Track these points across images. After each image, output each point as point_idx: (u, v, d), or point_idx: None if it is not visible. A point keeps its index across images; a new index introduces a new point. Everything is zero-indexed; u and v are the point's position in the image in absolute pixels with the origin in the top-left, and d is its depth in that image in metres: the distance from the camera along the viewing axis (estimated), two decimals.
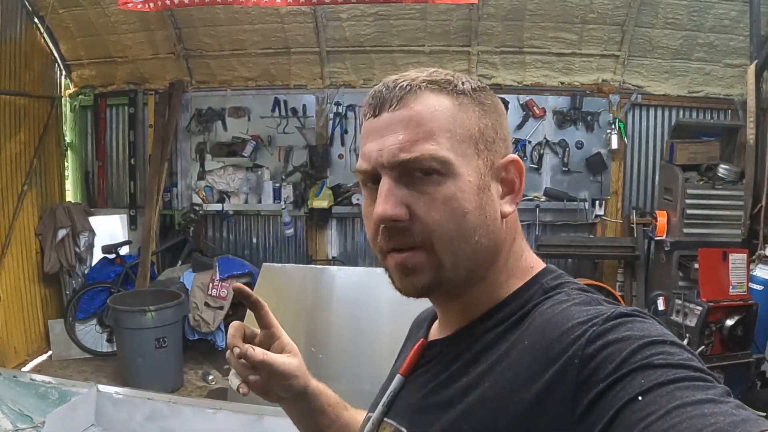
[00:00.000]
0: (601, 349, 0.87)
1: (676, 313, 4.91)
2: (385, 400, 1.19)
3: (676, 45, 7.17)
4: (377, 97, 1.09)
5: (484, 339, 1.07)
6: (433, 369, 1.14)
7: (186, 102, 8.33)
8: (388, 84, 1.10)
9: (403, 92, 1.06)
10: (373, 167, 1.06)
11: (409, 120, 1.04)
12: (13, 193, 7.27)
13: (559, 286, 1.08)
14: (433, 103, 1.06)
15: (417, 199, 1.04)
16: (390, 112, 1.06)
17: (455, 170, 1.04)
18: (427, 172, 1.03)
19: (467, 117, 1.08)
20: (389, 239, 1.06)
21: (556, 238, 7.70)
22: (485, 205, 1.07)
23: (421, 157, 1.02)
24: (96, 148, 8.67)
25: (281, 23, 7.50)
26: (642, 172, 7.82)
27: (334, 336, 4.86)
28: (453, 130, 1.05)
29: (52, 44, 8.04)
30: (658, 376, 0.81)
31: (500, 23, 7.28)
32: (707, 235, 6.64)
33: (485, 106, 1.11)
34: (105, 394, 3.69)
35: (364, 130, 1.11)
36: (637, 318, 0.93)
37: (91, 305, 7.63)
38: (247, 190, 8.26)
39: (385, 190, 1.04)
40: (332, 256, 8.31)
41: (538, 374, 0.92)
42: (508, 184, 1.13)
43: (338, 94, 8.00)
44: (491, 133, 1.11)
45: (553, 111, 7.69)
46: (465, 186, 1.04)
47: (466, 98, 1.09)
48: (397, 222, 1.03)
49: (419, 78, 1.08)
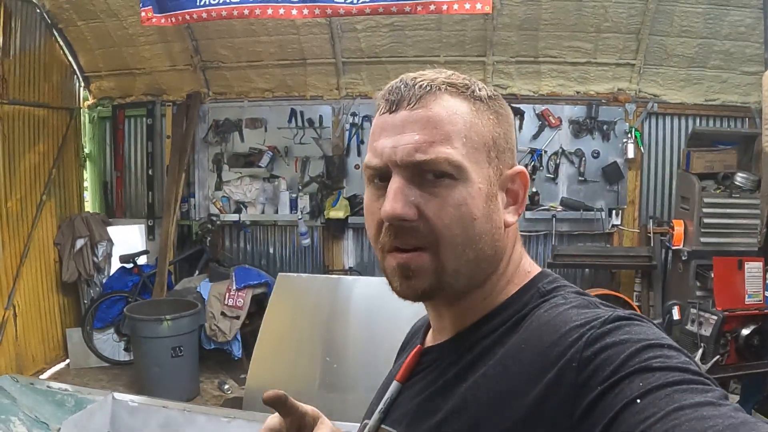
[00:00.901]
0: (600, 352, 0.88)
1: (691, 323, 4.86)
2: (381, 406, 1.19)
3: (691, 53, 7.13)
4: (395, 93, 1.08)
5: (481, 344, 1.07)
6: (430, 375, 1.14)
7: (203, 113, 8.38)
8: (406, 81, 1.09)
9: (423, 91, 1.06)
10: (385, 164, 1.06)
11: (427, 120, 1.04)
12: (32, 203, 7.35)
13: (556, 290, 1.08)
14: (451, 106, 1.06)
15: (427, 200, 1.03)
16: (408, 110, 1.06)
17: (468, 176, 1.04)
18: (439, 175, 1.03)
19: (482, 124, 1.08)
20: (394, 238, 1.05)
21: (573, 248, 7.66)
22: (492, 213, 1.07)
23: (436, 160, 1.02)
24: (114, 159, 8.75)
25: (297, 35, 7.54)
26: (659, 181, 7.77)
27: (350, 346, 4.86)
28: (469, 136, 1.05)
29: (71, 56, 8.13)
30: (656, 378, 0.81)
31: (515, 33, 7.27)
32: (725, 244, 6.59)
33: (499, 115, 1.12)
34: (120, 401, 3.73)
35: (377, 125, 1.11)
36: (634, 321, 0.93)
37: (108, 314, 7.67)
38: (263, 200, 8.28)
39: (396, 188, 1.03)
40: (349, 266, 8.31)
41: (536, 377, 0.92)
42: (513, 194, 1.13)
43: (354, 104, 8.01)
44: (503, 142, 1.11)
45: (569, 120, 7.66)
46: (475, 193, 1.04)
47: (483, 105, 1.09)
48: (405, 222, 1.02)
49: (439, 79, 1.08)
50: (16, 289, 7.00)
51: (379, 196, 1.07)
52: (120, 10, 7.35)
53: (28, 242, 7.22)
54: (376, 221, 1.08)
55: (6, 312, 6.83)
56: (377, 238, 1.08)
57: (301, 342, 4.90)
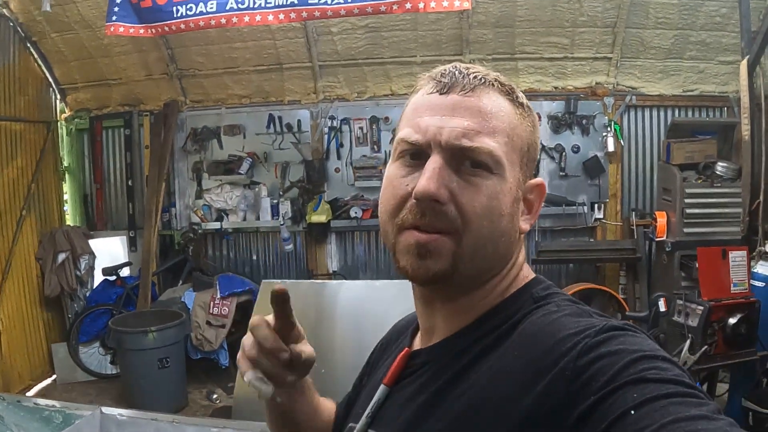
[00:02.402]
0: (593, 362, 0.87)
1: (677, 314, 4.87)
2: (369, 411, 1.17)
3: (668, 44, 7.17)
4: (449, 77, 1.08)
5: (473, 349, 1.06)
6: (419, 379, 1.12)
7: (181, 122, 8.34)
8: (460, 69, 1.10)
9: (477, 82, 1.07)
10: (428, 142, 1.05)
11: (478, 110, 1.05)
12: (12, 219, 7.28)
13: (549, 297, 1.08)
14: (500, 104, 1.08)
15: (462, 186, 1.03)
16: (460, 95, 1.06)
17: (503, 173, 1.05)
18: (477, 165, 1.04)
19: (523, 129, 1.10)
20: (420, 217, 1.03)
21: (556, 244, 7.68)
22: (514, 215, 1.09)
23: (480, 149, 1.03)
24: (93, 171, 8.69)
25: (273, 39, 7.52)
26: (640, 173, 7.81)
27: (337, 351, 4.84)
28: (511, 137, 1.07)
29: (46, 69, 8.07)
30: (651, 390, 0.81)
31: (491, 30, 7.28)
32: (708, 233, 6.61)
33: (534, 126, 1.14)
34: (109, 416, 3.68)
35: (422, 103, 1.10)
36: (628, 332, 0.93)
37: (93, 328, 7.60)
38: (245, 207, 8.25)
39: (435, 168, 1.02)
40: (333, 270, 8.29)
41: (528, 386, 0.91)
42: (529, 204, 1.15)
43: (332, 108, 8.00)
44: (533, 152, 1.14)
45: (548, 116, 7.68)
46: (507, 190, 1.06)
47: (524, 111, 1.12)
48: (436, 203, 1.02)
49: (491, 75, 1.10)
50: None
51: (409, 172, 1.07)
52: (94, 20, 7.28)
53: (10, 258, 7.16)
54: (399, 196, 1.07)
55: None
56: (395, 214, 1.07)
57: None
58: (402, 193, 1.06)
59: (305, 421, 1.38)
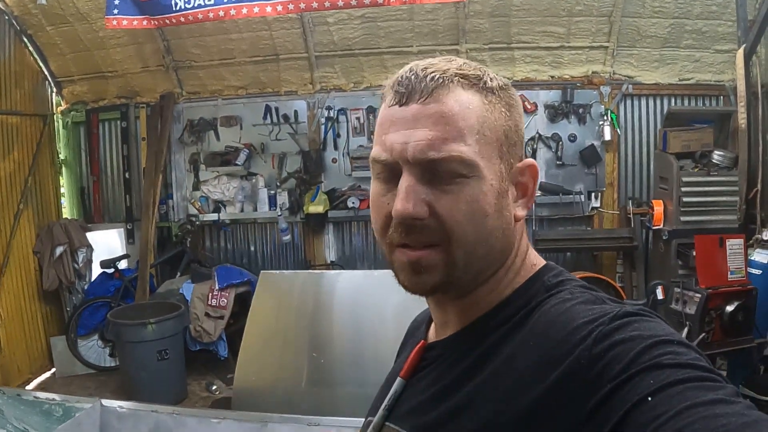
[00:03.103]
0: (609, 349, 0.87)
1: (675, 302, 4.89)
2: (386, 403, 1.17)
3: (664, 33, 7.16)
4: (405, 85, 1.04)
5: (486, 340, 1.06)
6: (435, 371, 1.13)
7: (178, 113, 8.34)
8: (417, 72, 1.05)
9: (435, 84, 1.02)
10: (395, 160, 1.03)
11: (440, 116, 1.01)
12: (9, 212, 7.28)
13: (561, 284, 1.07)
14: (464, 100, 1.03)
15: (439, 197, 1.01)
16: (419, 103, 1.02)
17: (480, 173, 1.02)
18: (450, 173, 1.01)
19: (495, 118, 1.06)
20: (405, 235, 1.03)
21: (553, 233, 7.70)
22: (503, 209, 1.06)
23: (449, 158, 1.00)
24: (90, 164, 8.68)
25: (269, 30, 7.51)
26: (636, 162, 7.80)
27: (336, 340, 4.85)
28: (482, 132, 1.03)
29: (41, 62, 8.05)
30: (667, 376, 0.80)
31: (487, 20, 7.27)
32: (704, 222, 6.60)
33: (510, 106, 1.10)
34: (109, 408, 3.70)
35: (386, 118, 1.06)
36: (644, 317, 0.92)
37: (92, 321, 7.62)
38: (242, 198, 8.26)
39: (407, 186, 1.01)
40: (331, 260, 8.30)
41: (544, 375, 0.91)
42: (522, 188, 1.12)
43: (329, 98, 8.00)
44: (514, 135, 1.09)
45: (545, 105, 7.67)
46: (487, 189, 1.03)
47: (495, 97, 1.07)
48: (417, 220, 1.01)
49: (451, 70, 1.05)
50: None
51: (388, 190, 1.05)
52: (89, 13, 7.29)
53: (7, 252, 7.16)
54: (383, 216, 1.06)
55: None
56: (384, 233, 1.06)
57: (287, 339, 4.89)
58: (385, 212, 1.05)
59: None
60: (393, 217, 1.02)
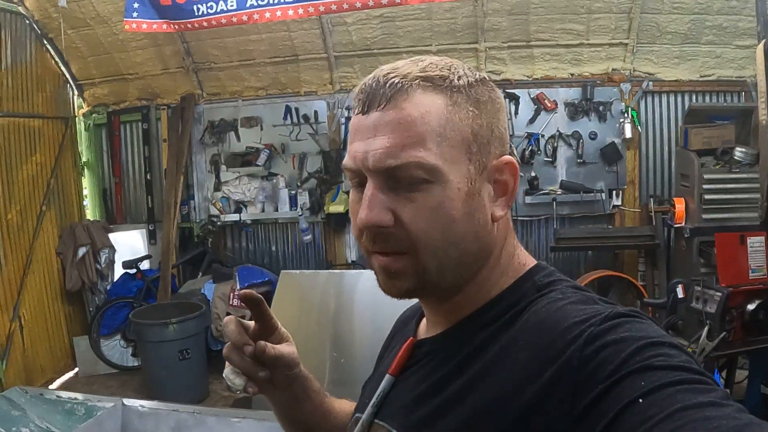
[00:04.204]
0: (600, 350, 0.86)
1: (695, 300, 4.83)
2: (374, 400, 1.17)
3: (684, 29, 7.11)
4: (366, 93, 1.03)
5: (476, 338, 1.04)
6: (424, 369, 1.12)
7: (198, 115, 8.38)
8: (378, 78, 1.03)
9: (394, 90, 1.00)
10: (359, 169, 1.03)
11: (397, 123, 0.99)
12: (32, 214, 7.35)
13: (552, 284, 1.06)
14: (425, 104, 1.00)
15: (403, 205, 1.00)
16: (379, 111, 1.01)
17: (444, 177, 0.99)
18: (412, 180, 0.99)
19: (460, 119, 1.02)
20: (373, 243, 1.03)
21: (574, 231, 7.65)
22: (474, 212, 1.03)
23: (408, 165, 0.98)
24: (112, 165, 8.75)
25: (288, 31, 7.53)
26: (658, 159, 7.75)
27: (356, 340, 4.86)
28: (443, 134, 1.00)
29: (63, 65, 8.12)
30: (658, 378, 0.80)
31: (506, 18, 7.25)
32: (726, 219, 6.56)
33: (481, 103, 1.05)
34: (130, 407, 3.72)
35: (352, 126, 1.07)
36: (635, 319, 0.92)
37: (114, 321, 7.68)
38: (263, 198, 8.28)
39: (370, 195, 1.01)
40: (352, 260, 8.29)
41: (535, 375, 0.90)
42: (502, 186, 1.08)
43: (348, 98, 7.98)
44: (486, 133, 1.05)
45: (565, 103, 7.63)
46: (453, 194, 1.00)
47: (461, 96, 1.03)
48: (381, 228, 1.00)
49: (411, 74, 1.02)
50: (21, 300, 7.01)
51: (359, 198, 1.05)
52: (109, 16, 7.34)
53: (31, 253, 7.23)
54: (356, 223, 1.05)
55: (12, 324, 6.84)
56: (359, 240, 1.07)
57: (308, 338, 4.90)
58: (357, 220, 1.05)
59: (312, 421, 1.40)
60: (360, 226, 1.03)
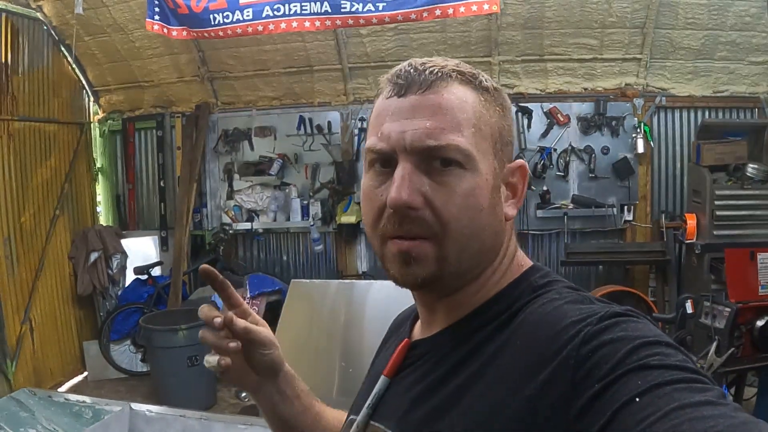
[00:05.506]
0: (597, 350, 0.86)
1: (704, 316, 4.81)
2: (369, 402, 1.16)
3: (698, 45, 7.10)
4: (404, 78, 1.06)
5: (472, 339, 1.05)
6: (419, 370, 1.12)
7: (212, 123, 8.43)
8: (416, 66, 1.07)
9: (434, 77, 1.04)
10: (392, 149, 1.03)
11: (438, 107, 1.02)
12: (46, 218, 7.40)
13: (548, 285, 1.07)
14: (461, 95, 1.04)
15: (435, 189, 1.01)
16: (418, 95, 1.03)
17: (476, 166, 1.02)
18: (448, 163, 1.01)
19: (490, 115, 1.06)
20: (398, 226, 1.02)
21: (585, 245, 7.65)
22: (496, 206, 1.07)
23: (447, 147, 1.00)
24: (126, 172, 8.81)
25: (303, 42, 7.57)
26: (670, 175, 7.74)
27: (366, 350, 4.84)
28: (478, 126, 1.04)
29: (79, 71, 8.19)
30: (654, 377, 0.80)
31: (520, 32, 7.27)
32: (738, 236, 6.54)
33: (504, 108, 1.11)
34: (138, 412, 3.74)
35: (383, 108, 1.07)
36: (631, 318, 0.92)
37: (124, 326, 7.70)
38: (275, 208, 8.31)
39: (404, 175, 1.01)
40: (362, 270, 8.31)
41: (532, 375, 0.90)
42: (513, 188, 1.12)
43: (362, 109, 8.03)
44: (507, 135, 1.10)
45: (578, 117, 7.64)
46: (483, 183, 1.03)
47: (489, 96, 1.08)
48: (411, 210, 1.00)
49: (449, 66, 1.07)
50: (32, 303, 7.05)
51: (381, 182, 1.05)
52: (126, 23, 7.41)
53: (43, 257, 7.27)
54: (376, 207, 1.06)
55: (23, 326, 6.87)
56: (376, 225, 1.06)
57: (317, 347, 4.89)
58: (378, 204, 1.05)
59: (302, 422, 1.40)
60: (387, 206, 1.02)
